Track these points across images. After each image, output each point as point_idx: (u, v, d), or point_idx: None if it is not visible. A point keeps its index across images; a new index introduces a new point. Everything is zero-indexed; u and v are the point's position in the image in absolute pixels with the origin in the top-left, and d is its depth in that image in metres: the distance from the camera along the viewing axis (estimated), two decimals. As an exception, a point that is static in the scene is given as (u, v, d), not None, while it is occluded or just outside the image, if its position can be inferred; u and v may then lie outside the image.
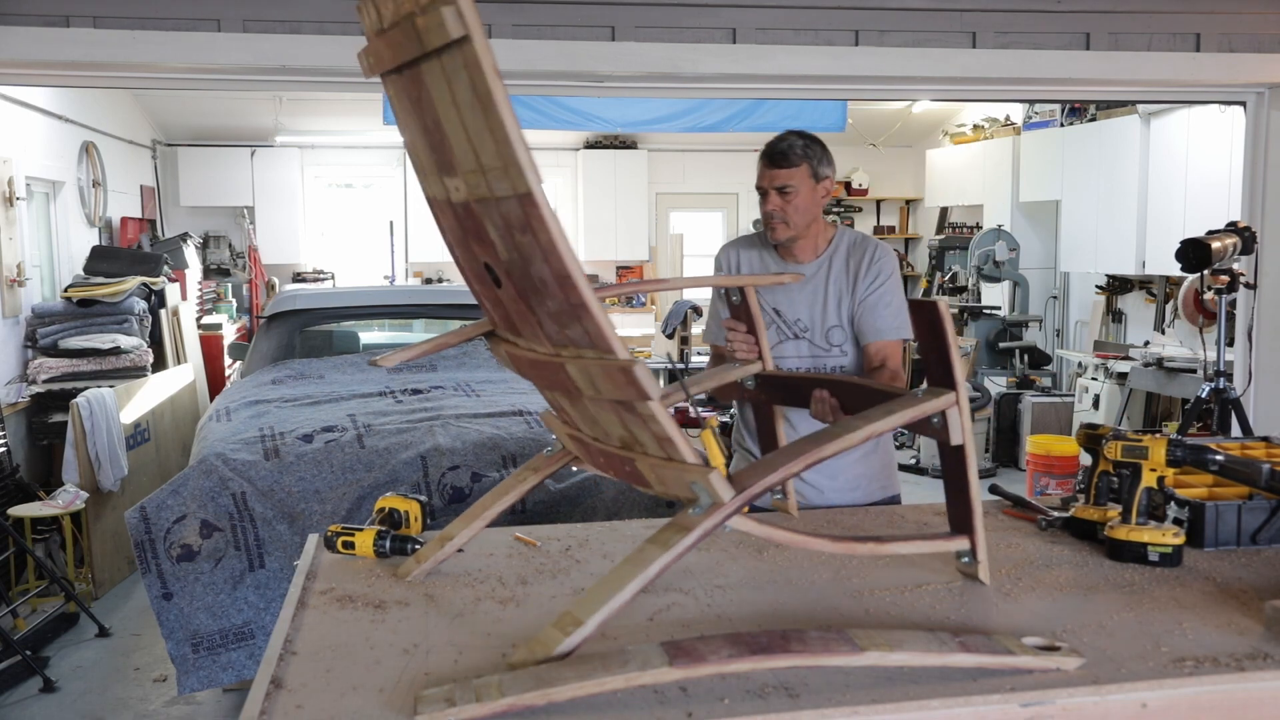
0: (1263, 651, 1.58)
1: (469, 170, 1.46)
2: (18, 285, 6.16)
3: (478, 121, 1.37)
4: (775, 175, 2.59)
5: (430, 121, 1.49)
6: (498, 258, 1.54)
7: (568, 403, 1.77)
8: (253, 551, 3.58)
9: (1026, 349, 8.65)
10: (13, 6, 3.63)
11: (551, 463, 2.02)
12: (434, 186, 1.61)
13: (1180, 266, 4.05)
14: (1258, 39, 4.35)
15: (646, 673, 1.39)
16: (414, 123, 1.55)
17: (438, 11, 1.32)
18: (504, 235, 1.48)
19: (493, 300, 1.71)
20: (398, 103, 1.59)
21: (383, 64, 1.53)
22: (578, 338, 1.53)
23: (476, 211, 1.50)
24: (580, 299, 1.45)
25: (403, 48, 1.44)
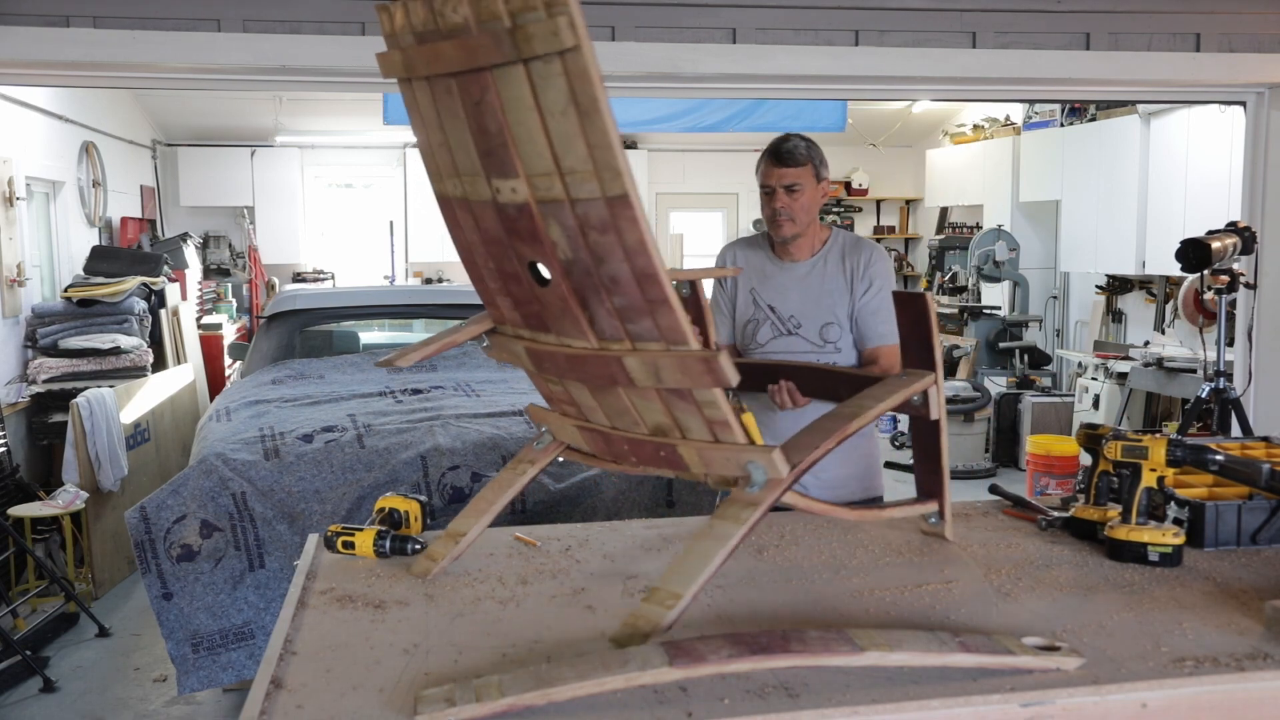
0: (1263, 651, 1.58)
1: (540, 173, 1.51)
2: (18, 285, 6.16)
3: (569, 127, 1.44)
4: (784, 174, 2.66)
5: (491, 125, 1.53)
6: (552, 257, 1.59)
7: (591, 395, 1.80)
8: (253, 551, 3.58)
9: (1026, 349, 8.65)
10: (12, 6, 3.63)
11: (546, 454, 2.02)
12: (471, 188, 1.63)
13: (1180, 266, 4.05)
14: (1258, 39, 4.35)
15: (646, 673, 1.39)
16: (458, 125, 1.58)
17: (551, 20, 1.38)
18: (573, 235, 1.53)
19: (520, 299, 1.73)
20: (437, 105, 1.60)
21: (436, 67, 1.56)
22: (644, 331, 1.60)
23: (538, 213, 1.55)
24: (663, 295, 1.53)
25: (482, 52, 1.47)
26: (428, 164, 1.73)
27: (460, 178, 1.65)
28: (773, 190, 2.66)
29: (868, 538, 2.21)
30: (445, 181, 1.68)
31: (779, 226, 2.68)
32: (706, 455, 1.72)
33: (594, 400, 1.81)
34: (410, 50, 1.59)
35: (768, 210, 2.71)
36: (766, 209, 2.72)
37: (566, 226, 1.54)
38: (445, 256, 10.92)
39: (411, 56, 1.59)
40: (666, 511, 3.81)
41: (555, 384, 1.86)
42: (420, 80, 1.60)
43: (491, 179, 1.59)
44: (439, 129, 1.63)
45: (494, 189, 1.59)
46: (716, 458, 1.71)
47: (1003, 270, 8.88)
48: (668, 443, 1.75)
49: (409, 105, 1.69)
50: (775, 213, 2.67)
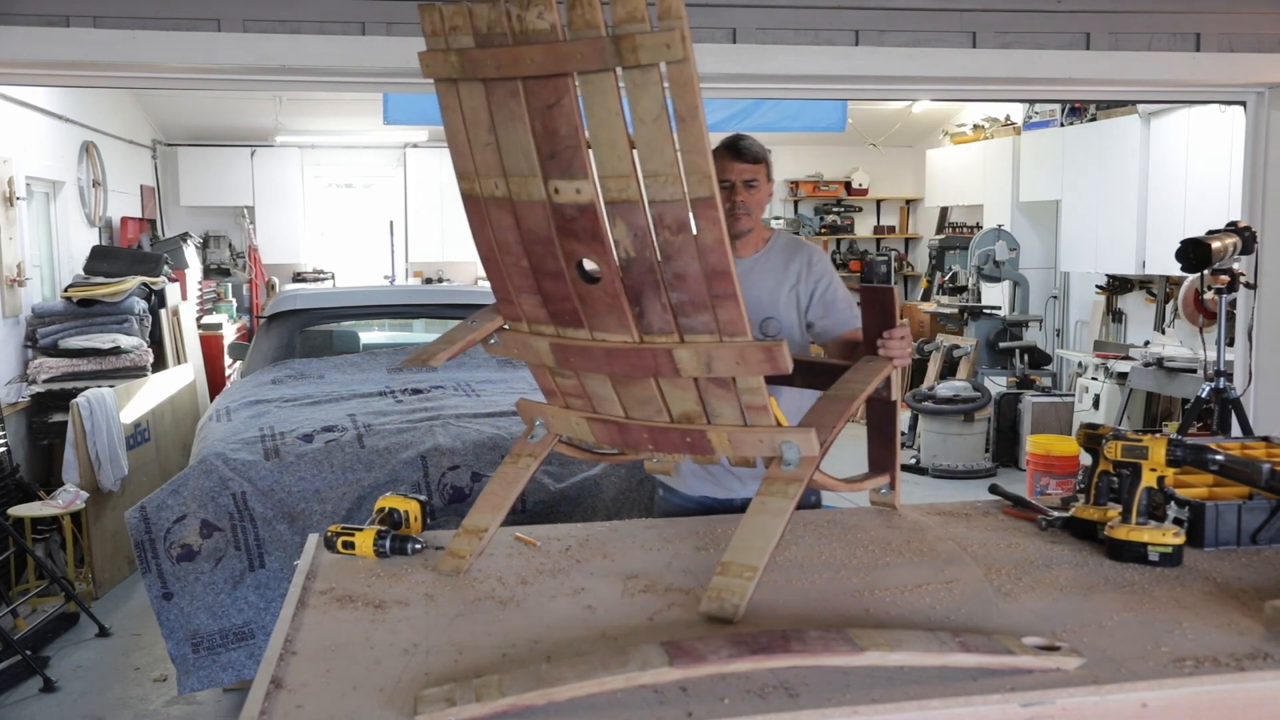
0: (1263, 651, 1.58)
1: (615, 175, 1.59)
2: (18, 285, 6.16)
3: (659, 133, 1.53)
4: (744, 169, 2.67)
5: (564, 128, 1.59)
6: (609, 255, 1.66)
7: (614, 387, 1.84)
8: (253, 551, 3.58)
9: (1026, 349, 8.65)
10: (12, 6, 3.63)
11: (543, 447, 2.02)
12: (519, 188, 1.65)
13: (1180, 266, 4.05)
14: (1258, 39, 4.35)
15: (646, 672, 1.40)
16: (517, 127, 1.61)
17: (664, 33, 1.48)
18: (641, 235, 1.62)
19: (554, 296, 1.76)
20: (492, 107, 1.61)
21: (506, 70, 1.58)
22: (698, 324, 1.71)
23: (604, 213, 1.63)
24: (731, 290, 1.65)
25: (576, 58, 1.54)
26: (461, 164, 1.73)
27: (506, 178, 1.67)
28: (732, 185, 2.67)
29: (868, 537, 2.21)
30: (483, 182, 1.69)
31: (736, 220, 2.70)
32: (736, 438, 1.83)
33: (613, 392, 1.86)
34: (469, 52, 1.60)
35: (726, 204, 2.69)
36: (725, 202, 2.73)
37: (635, 226, 1.61)
38: (445, 256, 10.94)
39: (473, 58, 1.60)
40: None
41: (567, 378, 1.87)
42: (472, 81, 1.62)
43: (550, 180, 1.63)
44: (488, 130, 1.65)
45: (552, 190, 1.63)
46: (748, 440, 1.83)
47: (1003, 270, 8.88)
48: (695, 429, 1.84)
49: (447, 106, 1.69)
50: (735, 206, 2.68)
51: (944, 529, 2.27)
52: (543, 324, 1.84)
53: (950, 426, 7.78)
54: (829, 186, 11.79)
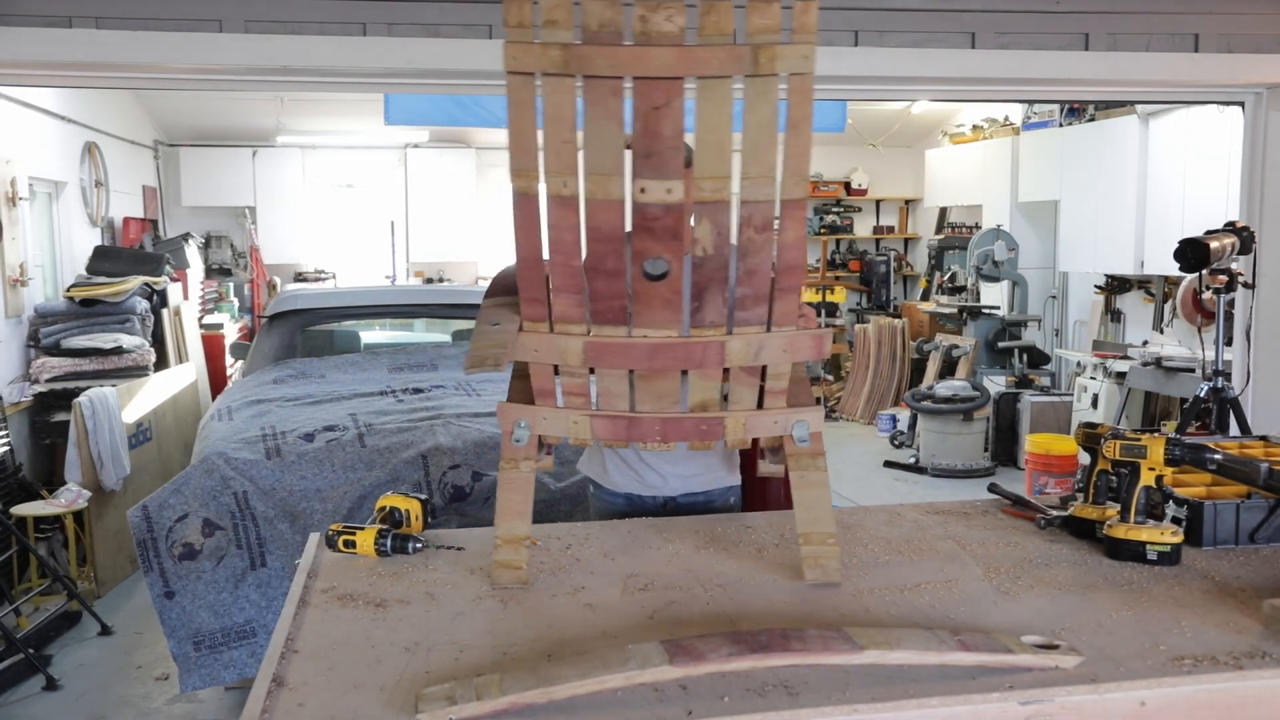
0: (1261, 650, 1.59)
1: (712, 176, 1.67)
2: (20, 285, 6.16)
3: (767, 138, 1.63)
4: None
5: (668, 129, 1.64)
6: (681, 253, 1.73)
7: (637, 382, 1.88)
8: (254, 550, 3.59)
9: (1025, 348, 8.66)
10: (15, 7, 3.64)
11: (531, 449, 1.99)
12: (596, 186, 1.67)
13: (1179, 266, 4.05)
14: (1256, 39, 4.35)
15: (647, 671, 1.40)
16: (610, 126, 1.64)
17: (801, 46, 1.62)
18: (724, 233, 1.70)
19: (603, 295, 1.78)
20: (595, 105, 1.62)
21: (617, 68, 1.60)
22: (752, 317, 1.82)
23: (690, 212, 1.68)
24: (798, 283, 1.80)
25: (711, 63, 1.61)
26: (523, 161, 1.69)
27: (579, 176, 1.68)
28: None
29: (867, 536, 2.22)
30: (549, 180, 1.68)
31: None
32: (751, 422, 1.94)
33: (628, 388, 1.90)
34: (576, 48, 1.61)
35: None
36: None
37: (719, 226, 1.69)
38: (445, 256, 10.94)
39: (581, 54, 1.61)
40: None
41: (576, 377, 1.89)
42: (562, 77, 1.61)
43: (640, 179, 1.66)
44: (570, 127, 1.65)
45: (638, 189, 1.67)
46: (762, 422, 1.94)
47: (1002, 270, 8.89)
48: (711, 416, 1.93)
49: (521, 101, 1.66)
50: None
51: (943, 528, 2.27)
52: (574, 323, 1.83)
53: (949, 426, 7.79)
54: (828, 187, 11.79)
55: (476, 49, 3.87)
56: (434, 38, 3.87)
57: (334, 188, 11.07)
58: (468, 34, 3.89)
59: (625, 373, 1.90)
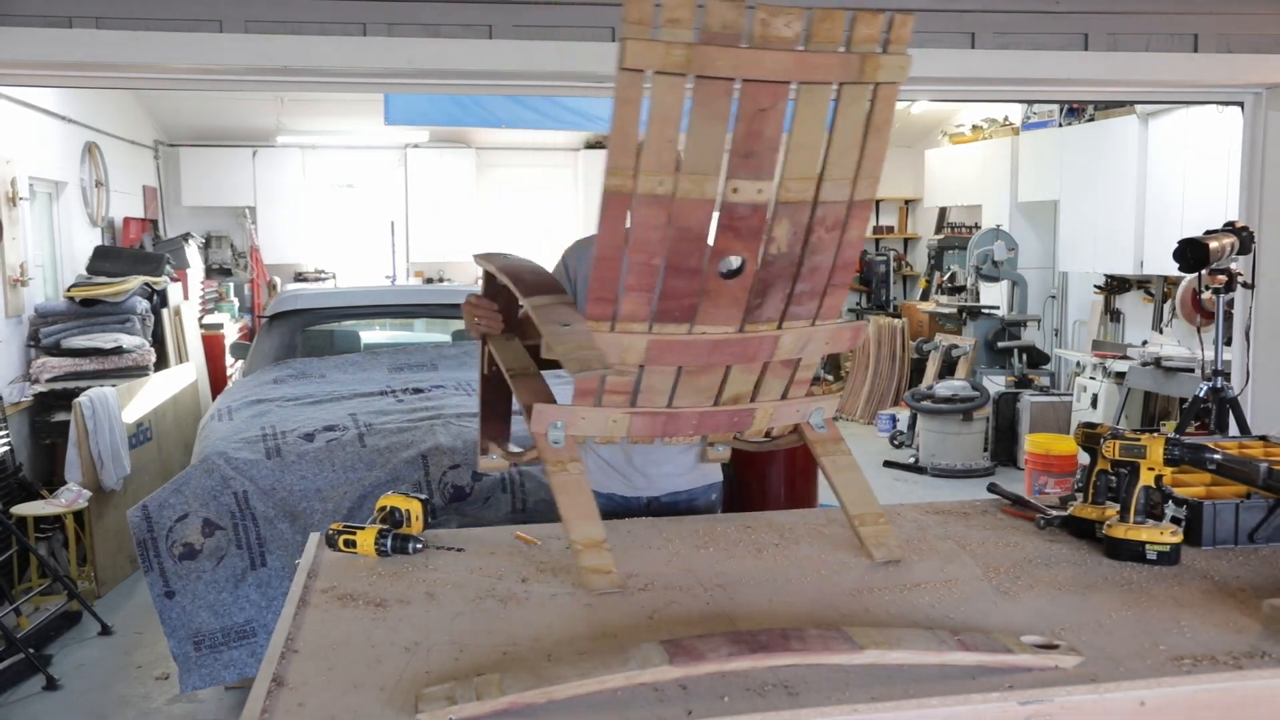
0: (1260, 650, 1.59)
1: (799, 177, 1.72)
2: (21, 285, 6.16)
3: (851, 141, 1.72)
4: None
5: (769, 131, 1.68)
6: (758, 251, 1.78)
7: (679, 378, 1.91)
8: (254, 550, 3.59)
9: (1025, 348, 8.66)
10: (15, 7, 3.64)
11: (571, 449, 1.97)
12: (691, 185, 1.68)
13: (1178, 266, 4.06)
14: (1255, 39, 4.35)
15: (646, 671, 1.40)
16: (715, 126, 1.66)
17: (900, 56, 1.70)
18: (799, 232, 1.78)
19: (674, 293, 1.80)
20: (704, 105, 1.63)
21: (733, 70, 1.62)
22: (803, 311, 1.91)
23: (775, 212, 1.73)
24: (849, 279, 1.91)
25: (821, 69, 1.67)
26: (622, 160, 1.67)
27: (679, 175, 1.69)
28: None
29: (867, 537, 2.22)
30: (644, 177, 1.67)
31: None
32: (777, 412, 2.04)
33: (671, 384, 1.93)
34: (699, 48, 1.61)
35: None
36: None
37: (797, 224, 1.75)
38: (445, 256, 10.95)
39: (705, 54, 1.62)
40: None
41: (623, 375, 1.89)
42: (674, 76, 1.61)
43: (733, 179, 1.70)
44: (675, 126, 1.66)
45: (730, 189, 1.70)
46: (785, 411, 2.05)
47: (1001, 270, 8.89)
48: (743, 408, 2.00)
49: (630, 99, 1.64)
50: None
51: (943, 528, 2.27)
52: (637, 322, 1.83)
53: (949, 426, 7.79)
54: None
55: (476, 49, 3.87)
56: (434, 38, 3.87)
57: (334, 188, 11.07)
58: (468, 34, 3.89)
59: (674, 369, 1.92)
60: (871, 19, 1.69)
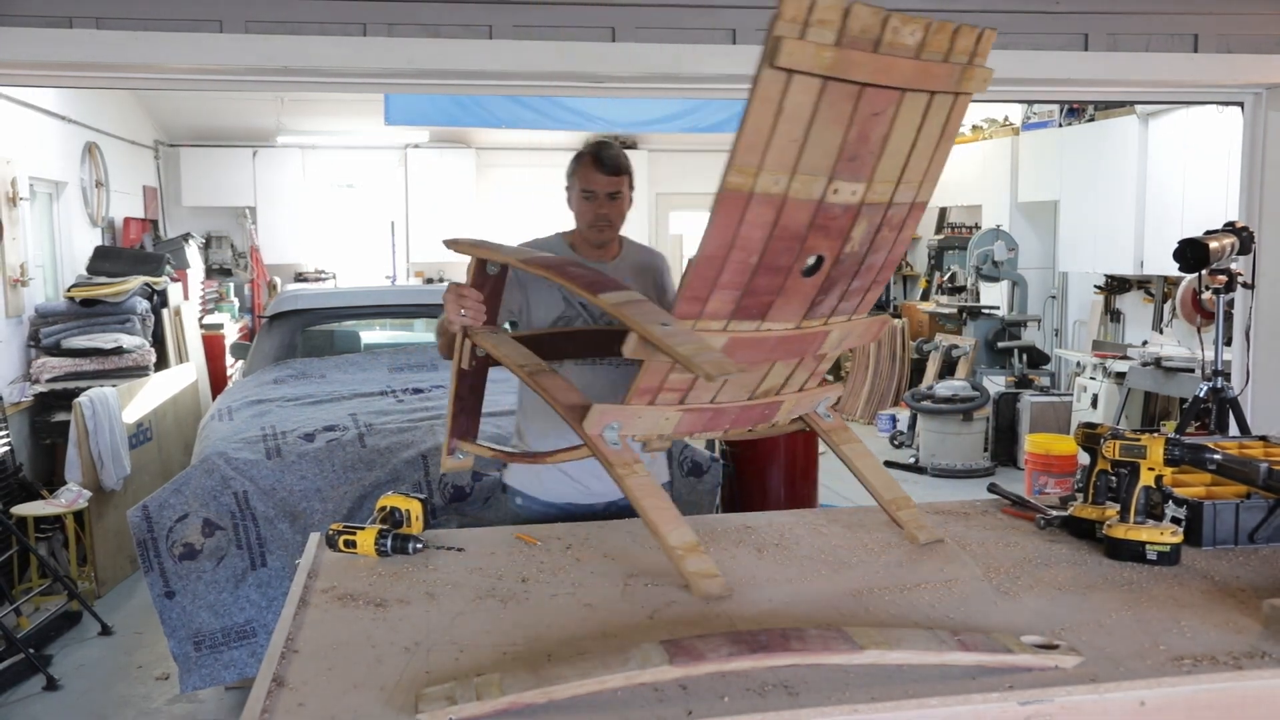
0: (1260, 650, 1.59)
1: (884, 180, 1.79)
2: (21, 285, 6.17)
3: (928, 147, 1.80)
4: (610, 181, 2.70)
5: (875, 135, 1.71)
6: (838, 249, 1.83)
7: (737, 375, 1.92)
8: (254, 550, 3.59)
9: (1025, 348, 8.66)
10: (15, 7, 3.64)
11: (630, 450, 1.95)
12: (800, 185, 1.70)
13: (1178, 266, 4.06)
14: (1255, 40, 4.35)
15: (646, 671, 1.40)
16: (833, 128, 1.68)
17: (988, 70, 1.80)
18: (871, 231, 1.84)
19: (758, 290, 1.81)
20: (819, 105, 1.64)
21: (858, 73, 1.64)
22: (847, 307, 1.99)
23: (859, 212, 1.78)
24: (889, 276, 2.01)
25: (931, 77, 1.73)
26: (748, 158, 1.65)
27: (792, 175, 1.69)
28: (594, 195, 2.69)
29: (868, 537, 2.22)
30: (763, 176, 1.67)
31: (600, 231, 2.72)
32: (800, 401, 2.11)
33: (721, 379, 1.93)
34: (844, 50, 1.63)
35: (589, 214, 2.71)
36: (588, 213, 2.72)
37: (872, 224, 1.83)
38: (445, 256, 10.89)
39: (848, 58, 1.63)
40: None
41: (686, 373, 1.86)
42: (809, 77, 1.61)
43: (834, 180, 1.73)
44: (802, 126, 1.65)
45: (831, 189, 1.73)
46: (804, 401, 2.13)
47: (1001, 270, 8.89)
48: (773, 400, 2.06)
49: (768, 97, 1.62)
50: (597, 218, 2.70)
51: (943, 528, 2.27)
52: (717, 320, 1.83)
53: (949, 426, 7.79)
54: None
55: (476, 49, 3.87)
56: (434, 38, 3.87)
57: (334, 188, 11.07)
58: (468, 34, 3.89)
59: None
60: (969, 32, 1.75)
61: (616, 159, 2.71)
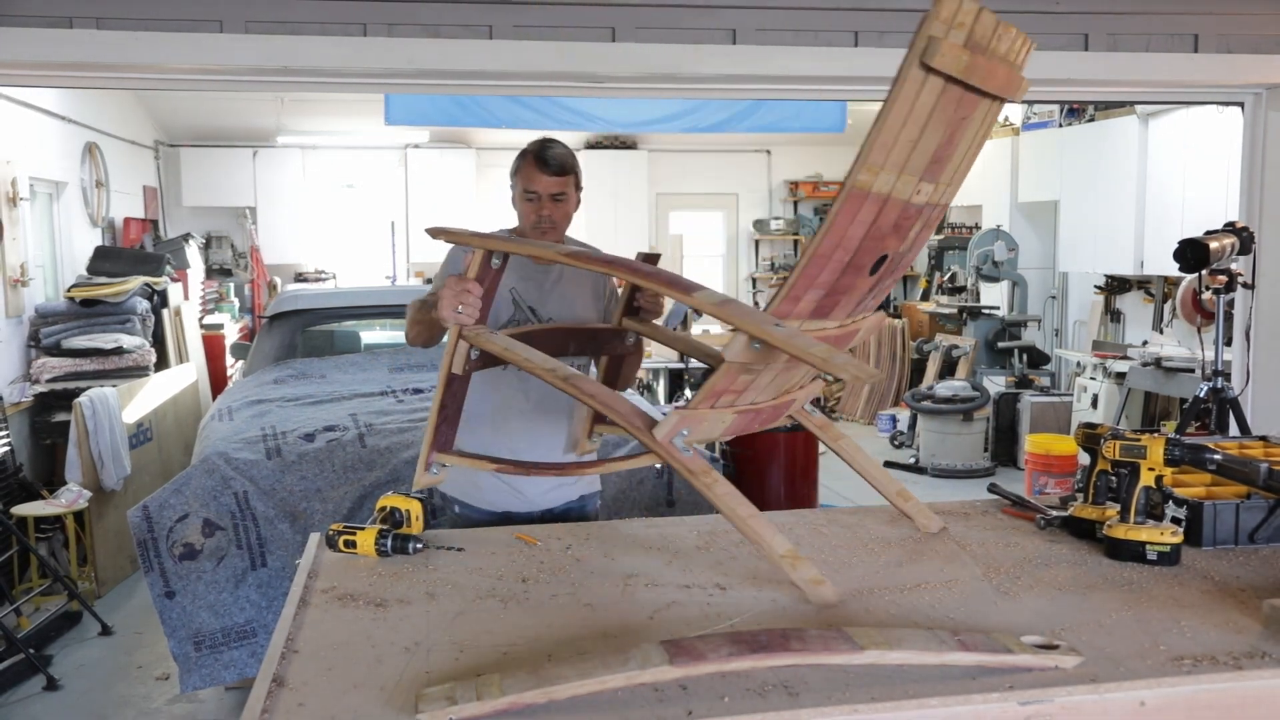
0: (1260, 650, 1.59)
1: (944, 183, 1.85)
2: (21, 285, 6.17)
3: (974, 153, 1.88)
4: (551, 182, 2.62)
5: (958, 140, 1.76)
6: (898, 248, 1.87)
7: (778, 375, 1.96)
8: (255, 550, 3.59)
9: (1025, 349, 8.66)
10: (15, 7, 3.64)
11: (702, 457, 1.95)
12: (900, 185, 1.73)
13: (1178, 266, 4.06)
14: (1255, 40, 4.35)
15: (647, 671, 1.40)
16: (938, 131, 1.71)
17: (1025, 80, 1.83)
18: (920, 230, 1.90)
19: (835, 289, 1.83)
20: (936, 106, 1.68)
21: (969, 76, 1.66)
22: (872, 305, 2.05)
23: (921, 212, 1.84)
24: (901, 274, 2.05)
25: (1018, 87, 1.80)
26: (880, 156, 1.66)
27: (899, 175, 1.71)
28: (537, 196, 2.62)
29: (867, 536, 2.22)
30: (882, 175, 1.68)
31: (542, 233, 2.65)
32: (801, 399, 2.16)
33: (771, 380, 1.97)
34: (975, 54, 1.66)
35: (531, 216, 2.64)
36: (530, 214, 2.64)
37: (924, 224, 1.89)
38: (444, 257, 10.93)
39: (976, 62, 1.66)
40: (666, 511, 3.82)
41: (752, 374, 1.87)
42: (939, 78, 1.63)
43: (921, 181, 1.76)
44: (919, 127, 1.67)
45: (915, 190, 1.77)
46: (803, 398, 2.17)
47: (1001, 270, 8.89)
48: (788, 398, 2.09)
49: (906, 96, 1.64)
50: (540, 219, 2.63)
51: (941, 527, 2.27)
52: (798, 320, 1.84)
53: (949, 426, 7.79)
54: (829, 187, 11.80)
55: (476, 49, 3.88)
56: (434, 38, 3.87)
57: (334, 188, 11.07)
58: (468, 34, 3.90)
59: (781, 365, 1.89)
60: (1027, 40, 1.78)
61: (562, 159, 2.63)
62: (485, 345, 2.08)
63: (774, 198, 11.98)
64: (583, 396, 1.96)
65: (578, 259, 2.04)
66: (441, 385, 2.13)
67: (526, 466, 2.36)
